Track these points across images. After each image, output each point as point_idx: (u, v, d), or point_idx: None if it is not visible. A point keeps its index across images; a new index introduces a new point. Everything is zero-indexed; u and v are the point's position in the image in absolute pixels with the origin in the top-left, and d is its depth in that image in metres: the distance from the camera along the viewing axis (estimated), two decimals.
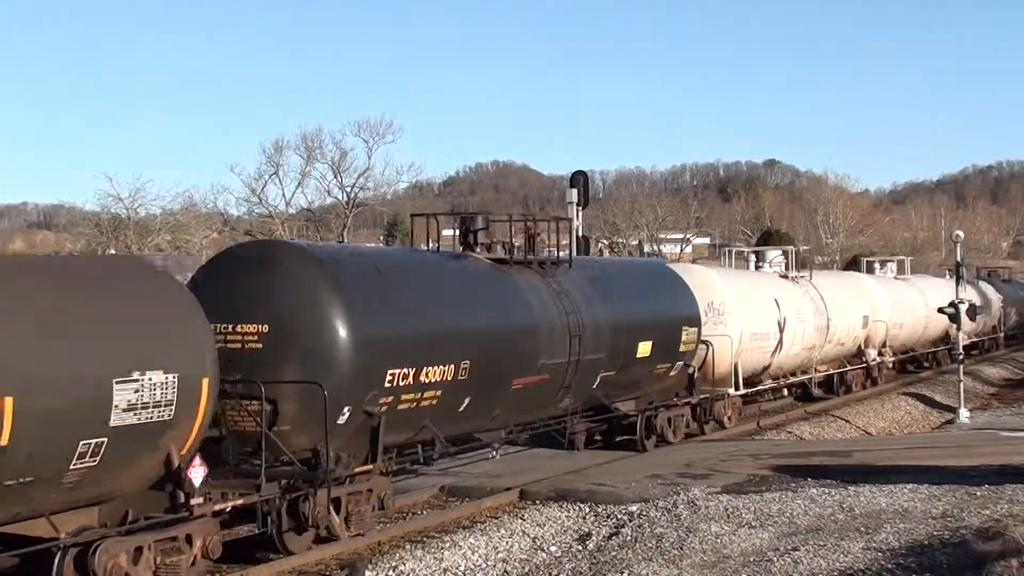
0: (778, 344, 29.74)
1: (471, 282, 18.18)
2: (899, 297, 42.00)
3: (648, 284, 24.09)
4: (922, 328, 44.47)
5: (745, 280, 30.93)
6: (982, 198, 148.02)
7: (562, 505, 17.59)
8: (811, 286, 33.02)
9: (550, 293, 19.30)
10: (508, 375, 17.80)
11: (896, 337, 41.10)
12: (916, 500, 17.02)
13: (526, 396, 18.45)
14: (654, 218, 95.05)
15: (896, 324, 40.57)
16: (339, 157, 69.27)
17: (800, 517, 16.14)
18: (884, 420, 34.16)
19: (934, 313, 41.68)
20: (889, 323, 39.43)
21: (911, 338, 43.92)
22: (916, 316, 43.24)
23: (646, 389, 22.85)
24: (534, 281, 19.25)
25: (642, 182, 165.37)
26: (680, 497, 17.50)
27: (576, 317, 19.50)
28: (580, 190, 31.48)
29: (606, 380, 20.97)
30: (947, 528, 14.75)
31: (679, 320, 23.65)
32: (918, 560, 13.08)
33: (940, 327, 45.33)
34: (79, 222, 64.76)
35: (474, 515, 17.17)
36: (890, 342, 40.14)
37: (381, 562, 14.33)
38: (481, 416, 17.67)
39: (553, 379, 19.09)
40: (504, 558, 15.09)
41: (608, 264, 28.96)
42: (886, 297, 39.72)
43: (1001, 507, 16.03)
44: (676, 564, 13.73)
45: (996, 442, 25.48)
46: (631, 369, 21.79)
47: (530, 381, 18.35)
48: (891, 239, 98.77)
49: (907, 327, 42.46)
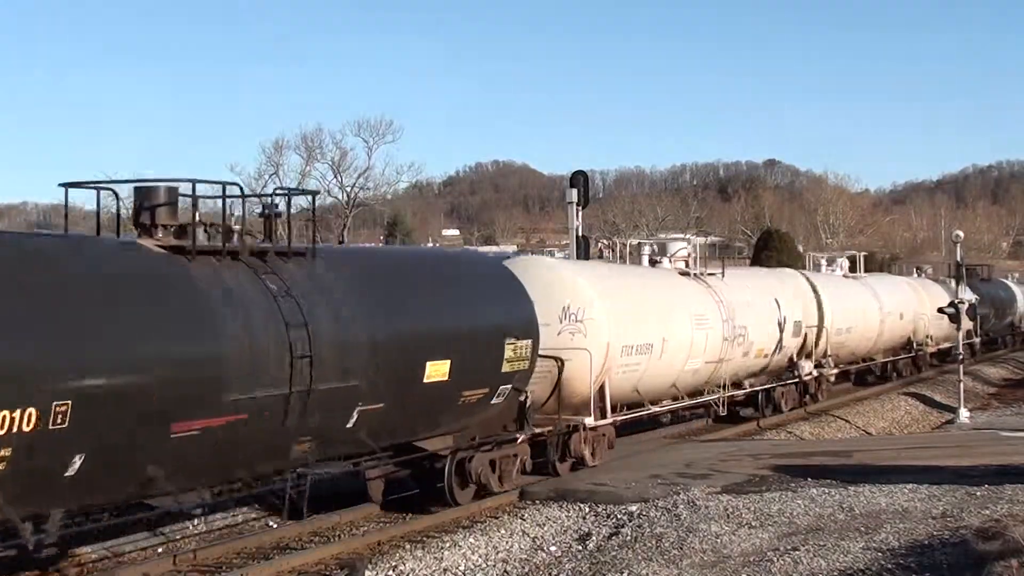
0: None
1: (93, 287, 11.78)
2: (846, 299, 35.57)
3: (453, 284, 17.70)
4: (875, 335, 38.10)
5: (623, 279, 24.15)
6: (982, 198, 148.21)
7: (562, 505, 17.57)
8: (723, 285, 27.06)
9: (263, 295, 13.40)
10: (162, 418, 11.82)
11: (842, 345, 34.93)
12: (916, 500, 17.00)
13: (208, 446, 12.48)
14: (654, 218, 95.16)
15: (842, 330, 34.46)
16: (339, 157, 69.40)
17: (800, 517, 16.13)
18: (884, 420, 34.16)
19: (891, 317, 38.61)
20: (832, 329, 33.24)
21: (863, 346, 37.63)
22: (868, 321, 37.10)
23: (459, 424, 17.16)
24: (236, 279, 13.30)
25: (642, 182, 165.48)
26: (680, 497, 17.48)
27: (305, 330, 13.53)
28: (580, 190, 31.40)
29: (370, 416, 14.76)
30: (947, 528, 14.73)
31: (500, 332, 17.39)
32: (918, 560, 13.06)
33: (899, 333, 41.29)
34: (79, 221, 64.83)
35: (474, 515, 17.14)
36: (834, 351, 33.88)
37: (381, 562, 14.33)
38: (119, 481, 11.92)
39: (259, 420, 13.03)
40: (504, 558, 15.08)
41: (386, 256, 20.89)
42: (828, 299, 33.21)
43: (1001, 507, 16.01)
44: (676, 564, 13.72)
45: (996, 442, 25.48)
46: (415, 400, 15.68)
47: (210, 424, 12.41)
48: (891, 239, 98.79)
49: (857, 333, 36.18)
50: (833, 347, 33.50)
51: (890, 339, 40.24)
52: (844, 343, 34.95)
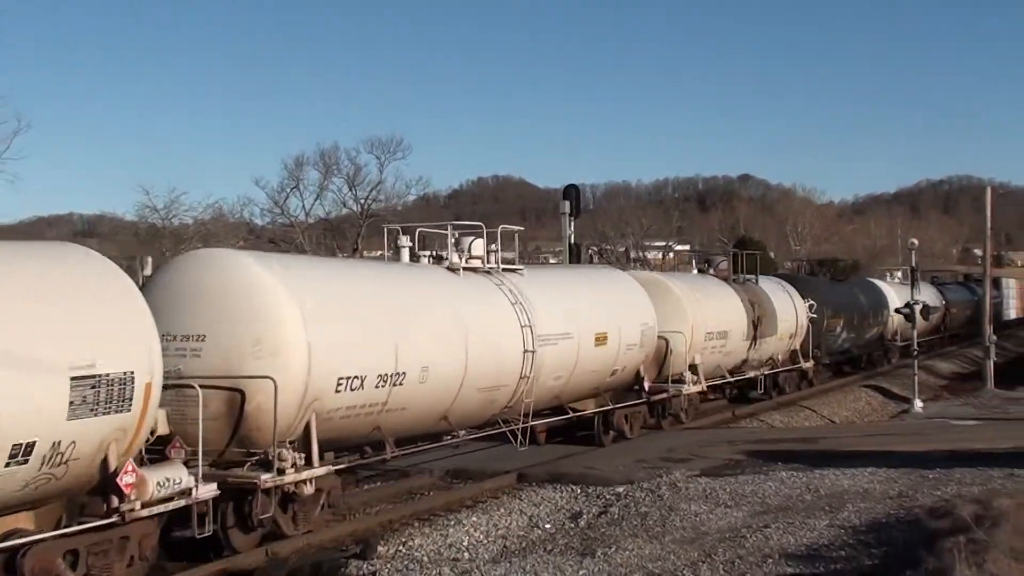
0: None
1: None
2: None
3: None
4: None
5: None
6: (935, 209, 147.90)
7: (556, 487, 17.56)
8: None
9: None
10: None
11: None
12: (875, 482, 17.02)
13: None
14: (639, 227, 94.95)
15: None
16: (354, 172, 69.24)
17: (771, 497, 16.14)
18: (847, 410, 34.12)
19: None
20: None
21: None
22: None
23: None
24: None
25: (629, 194, 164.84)
26: (663, 479, 17.49)
27: None
28: (572, 202, 31.46)
29: None
30: (902, 507, 14.75)
31: None
32: (876, 536, 13.08)
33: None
34: (120, 231, 64.67)
35: (476, 496, 17.14)
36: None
37: (392, 538, 14.33)
38: None
39: None
40: (503, 535, 15.08)
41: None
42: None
43: (951, 488, 16.04)
44: (659, 540, 13.73)
45: (946, 430, 25.50)
46: None
47: None
48: (853, 246, 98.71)
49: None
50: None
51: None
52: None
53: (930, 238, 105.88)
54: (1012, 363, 47.37)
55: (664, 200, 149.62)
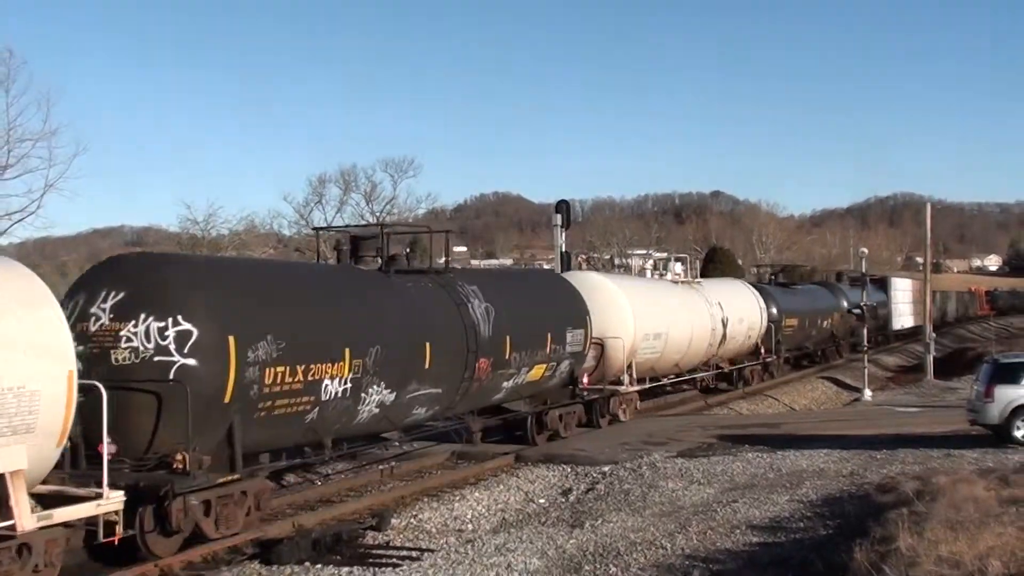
0: None
1: None
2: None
3: None
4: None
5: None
6: (882, 222, 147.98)
7: (549, 466, 17.57)
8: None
9: None
10: None
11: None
12: (830, 462, 17.05)
13: None
14: (623, 237, 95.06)
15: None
16: (370, 188, 69.28)
17: (739, 476, 16.16)
18: (805, 398, 34.17)
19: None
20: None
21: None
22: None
23: None
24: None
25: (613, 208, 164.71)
26: (644, 460, 17.50)
27: None
28: (563, 215, 31.41)
29: None
30: (854, 484, 14.79)
31: None
32: (831, 509, 13.12)
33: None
34: (164, 241, 64.70)
35: (478, 474, 17.14)
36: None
37: (404, 512, 14.37)
38: None
39: None
40: (503, 508, 15.11)
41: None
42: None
43: (895, 467, 16.08)
44: (640, 513, 13.75)
45: (892, 416, 25.51)
46: None
47: None
48: (811, 255, 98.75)
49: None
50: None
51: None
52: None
53: (878, 247, 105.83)
54: (950, 357, 47.32)
55: (645, 213, 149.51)
